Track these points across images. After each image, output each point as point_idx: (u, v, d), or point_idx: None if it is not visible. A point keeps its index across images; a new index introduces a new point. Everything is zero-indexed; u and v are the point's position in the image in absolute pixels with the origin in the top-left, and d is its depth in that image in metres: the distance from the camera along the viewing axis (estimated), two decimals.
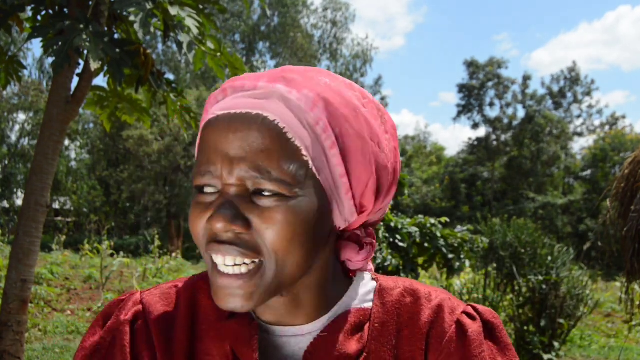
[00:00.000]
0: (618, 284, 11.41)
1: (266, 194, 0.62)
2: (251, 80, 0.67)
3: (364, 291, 0.75)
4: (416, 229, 6.79)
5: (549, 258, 6.51)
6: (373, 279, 0.78)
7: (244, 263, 0.63)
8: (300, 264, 0.65)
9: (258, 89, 0.65)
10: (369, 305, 0.73)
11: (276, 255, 0.63)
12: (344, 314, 0.71)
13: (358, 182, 0.67)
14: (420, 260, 7.02)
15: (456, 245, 6.92)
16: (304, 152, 0.63)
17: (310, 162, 0.63)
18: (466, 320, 0.72)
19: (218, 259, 0.63)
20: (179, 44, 3.13)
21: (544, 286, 6.28)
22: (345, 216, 0.69)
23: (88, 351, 0.70)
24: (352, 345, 0.68)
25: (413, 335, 0.71)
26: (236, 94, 0.66)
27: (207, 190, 0.64)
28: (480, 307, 0.75)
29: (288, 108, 0.64)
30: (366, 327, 0.71)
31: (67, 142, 23.00)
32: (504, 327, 0.74)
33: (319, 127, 0.64)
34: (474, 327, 0.71)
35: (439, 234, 6.86)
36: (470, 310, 0.74)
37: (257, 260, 0.63)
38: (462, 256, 6.96)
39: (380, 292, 0.74)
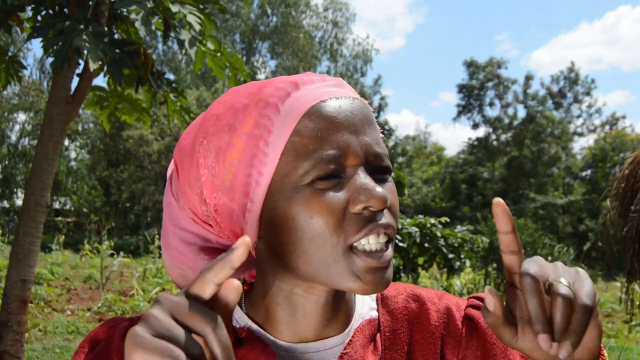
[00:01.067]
0: (618, 284, 11.40)
1: (384, 169, 0.64)
2: (301, 76, 0.67)
3: (368, 298, 0.75)
4: (416, 229, 6.79)
5: (549, 258, 6.51)
6: None
7: (384, 241, 0.62)
8: None
9: (329, 80, 0.67)
10: (375, 314, 0.73)
11: (394, 235, 0.64)
12: (360, 327, 0.70)
13: None
14: (421, 260, 7.02)
15: (456, 245, 6.92)
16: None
17: None
18: (474, 312, 0.73)
19: (368, 238, 0.60)
20: (180, 42, 3.13)
21: None
22: None
23: None
24: (370, 357, 0.68)
25: (425, 340, 0.71)
26: (310, 84, 0.65)
27: (328, 179, 0.60)
28: (481, 295, 0.76)
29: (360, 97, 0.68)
30: (377, 337, 0.70)
31: (67, 142, 22.99)
32: None
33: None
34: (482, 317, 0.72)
35: (439, 234, 6.87)
36: (474, 302, 0.75)
37: (388, 239, 0.63)
38: (462, 256, 6.96)
39: (382, 300, 0.74)
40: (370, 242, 0.60)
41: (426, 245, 6.78)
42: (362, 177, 0.60)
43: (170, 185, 0.72)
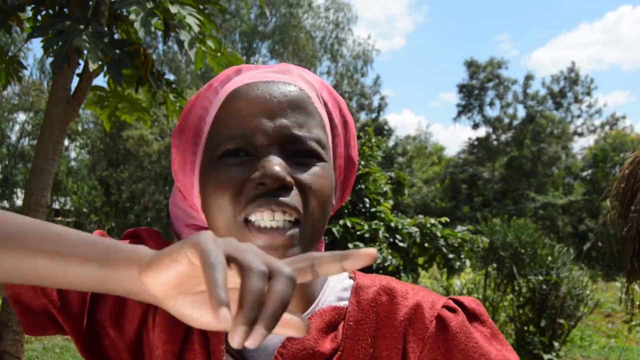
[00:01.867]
0: (618, 284, 11.40)
1: (305, 153, 0.63)
2: (260, 65, 0.71)
3: (340, 288, 0.74)
4: (416, 229, 6.79)
5: (549, 258, 6.51)
6: (350, 276, 0.76)
7: (285, 220, 0.61)
8: (322, 233, 0.67)
9: (275, 67, 0.69)
10: (345, 303, 0.72)
11: (312, 217, 0.63)
12: (320, 312, 0.69)
13: (346, 169, 0.72)
14: (421, 260, 7.02)
15: (456, 245, 6.92)
16: (325, 123, 0.68)
17: (328, 135, 0.67)
18: (447, 314, 0.70)
19: (263, 214, 0.61)
20: (180, 43, 3.12)
21: (544, 286, 6.28)
22: (334, 201, 0.72)
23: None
24: (326, 344, 0.67)
25: (390, 335, 0.69)
26: (253, 71, 0.69)
27: (237, 156, 0.63)
28: (462, 298, 0.73)
29: (307, 84, 0.68)
30: (340, 326, 0.69)
31: (67, 142, 22.99)
32: (488, 314, 0.73)
33: (328, 106, 0.70)
34: (456, 320, 0.69)
35: (439, 234, 6.86)
36: (450, 303, 0.72)
37: (294, 219, 0.62)
38: (462, 256, 6.96)
39: (356, 290, 0.73)
40: (265, 218, 0.61)
41: (426, 245, 6.77)
42: (268, 157, 0.61)
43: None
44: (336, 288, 0.73)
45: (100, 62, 2.90)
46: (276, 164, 0.60)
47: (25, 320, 0.68)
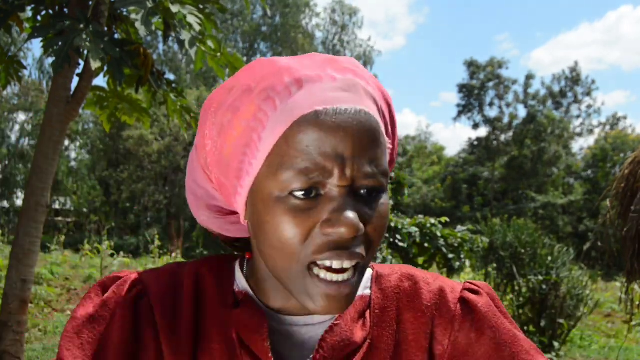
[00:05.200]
0: (618, 284, 11.40)
1: (372, 188, 0.60)
2: (316, 69, 0.62)
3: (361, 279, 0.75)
4: (416, 229, 6.80)
5: (549, 258, 6.51)
6: (368, 267, 0.77)
7: (351, 268, 0.60)
8: None
9: (340, 81, 0.61)
10: (368, 292, 0.73)
11: (372, 255, 0.62)
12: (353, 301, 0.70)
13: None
14: (421, 260, 7.02)
15: (456, 245, 6.92)
16: (387, 146, 0.64)
17: (387, 154, 0.64)
18: (471, 296, 0.73)
19: (331, 262, 0.59)
20: (181, 42, 3.12)
21: (544, 286, 6.28)
22: None
23: (80, 321, 0.67)
24: (358, 333, 0.69)
25: (416, 319, 0.71)
26: (317, 84, 0.60)
27: (307, 196, 0.59)
28: (477, 282, 0.76)
29: (372, 101, 0.63)
30: (367, 313, 0.71)
31: (67, 142, 22.99)
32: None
33: (386, 118, 0.66)
34: (482, 301, 0.72)
35: (439, 234, 6.87)
36: (471, 286, 0.75)
37: (362, 260, 0.61)
38: (462, 256, 6.96)
39: (377, 278, 0.74)
40: (334, 265, 0.59)
41: (426, 245, 6.78)
42: (340, 200, 0.58)
43: (198, 135, 0.71)
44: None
45: (101, 61, 2.90)
46: (352, 216, 0.57)
47: None
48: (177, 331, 0.68)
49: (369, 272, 0.76)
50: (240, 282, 0.72)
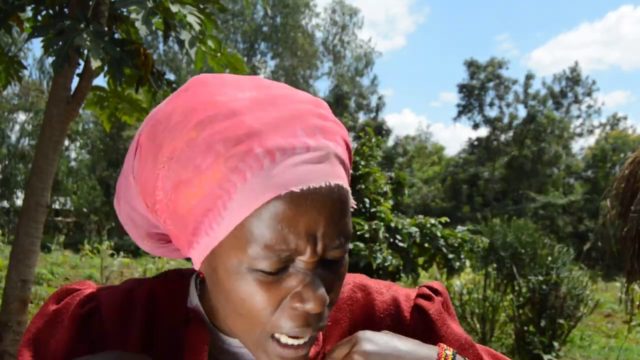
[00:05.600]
0: (618, 284, 11.41)
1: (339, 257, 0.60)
2: (286, 132, 0.57)
3: None
4: (416, 229, 6.79)
5: (549, 258, 6.51)
6: None
7: (312, 334, 0.60)
8: None
9: (312, 150, 0.58)
10: None
11: (330, 309, 0.63)
12: None
13: None
14: (421, 261, 7.02)
15: (456, 245, 6.92)
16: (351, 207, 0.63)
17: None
18: (424, 302, 0.74)
19: (295, 333, 0.59)
20: (181, 42, 3.12)
21: (544, 286, 6.28)
22: None
23: (32, 334, 0.68)
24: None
25: (369, 330, 0.69)
26: (290, 157, 0.56)
27: (275, 273, 0.58)
28: (431, 283, 0.78)
29: (342, 167, 0.61)
30: None
31: (67, 142, 23.00)
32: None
33: (348, 159, 0.66)
34: (433, 308, 0.74)
35: (439, 234, 6.87)
36: (425, 291, 0.76)
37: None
38: (462, 256, 6.96)
39: None
40: (297, 334, 0.59)
41: (426, 245, 6.78)
42: (310, 274, 0.57)
43: (132, 159, 0.65)
44: None
45: (101, 61, 2.90)
46: (322, 292, 0.57)
47: None
48: (126, 350, 0.68)
49: None
50: (193, 298, 0.71)
